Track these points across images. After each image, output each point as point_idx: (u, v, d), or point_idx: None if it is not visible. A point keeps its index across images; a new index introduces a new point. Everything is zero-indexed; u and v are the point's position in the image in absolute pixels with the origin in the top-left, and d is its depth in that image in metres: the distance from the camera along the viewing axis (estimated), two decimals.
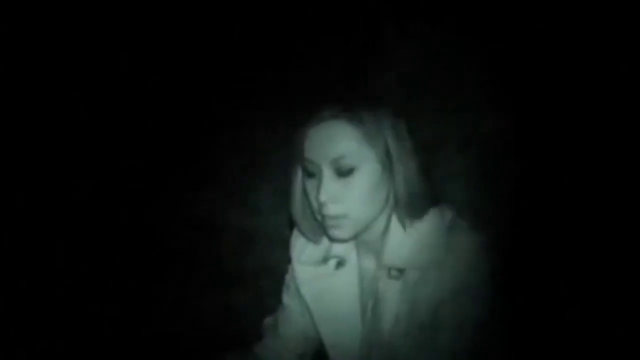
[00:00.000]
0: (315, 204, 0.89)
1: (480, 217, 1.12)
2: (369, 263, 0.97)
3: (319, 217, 0.90)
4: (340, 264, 1.00)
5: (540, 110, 1.28)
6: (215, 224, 1.72)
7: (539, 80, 1.29)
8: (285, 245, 1.08)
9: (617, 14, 1.35)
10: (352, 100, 0.88)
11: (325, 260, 1.01)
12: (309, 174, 0.89)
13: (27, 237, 1.75)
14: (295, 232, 1.06)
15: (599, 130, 1.28)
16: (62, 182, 1.75)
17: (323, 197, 0.85)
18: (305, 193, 0.93)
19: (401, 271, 0.90)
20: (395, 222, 0.90)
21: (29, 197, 1.76)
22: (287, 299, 1.09)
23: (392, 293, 0.90)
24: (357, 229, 0.89)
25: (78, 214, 1.77)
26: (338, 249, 1.00)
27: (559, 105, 1.28)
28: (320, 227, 0.94)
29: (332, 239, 0.94)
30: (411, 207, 0.88)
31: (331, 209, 0.86)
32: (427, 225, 0.90)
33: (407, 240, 0.89)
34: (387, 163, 0.87)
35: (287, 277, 1.10)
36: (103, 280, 1.77)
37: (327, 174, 0.86)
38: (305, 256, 1.03)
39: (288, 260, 1.07)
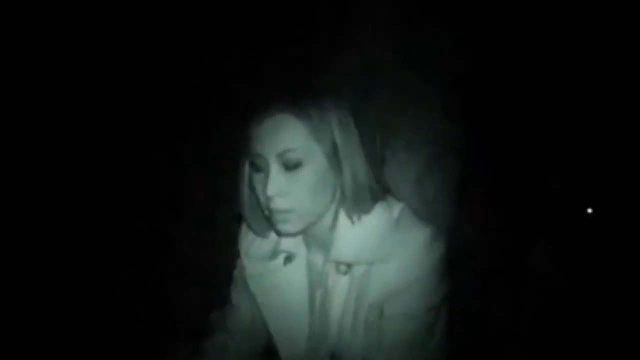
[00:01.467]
0: (262, 198, 0.87)
1: (427, 211, 1.14)
2: (318, 257, 0.96)
3: (266, 212, 0.89)
4: (288, 258, 0.99)
5: (486, 110, 1.30)
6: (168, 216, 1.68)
7: (486, 81, 1.31)
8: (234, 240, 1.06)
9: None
10: (299, 95, 0.87)
11: (273, 255, 1.00)
12: (256, 168, 0.88)
13: None
14: (244, 227, 1.04)
15: (539, 125, 1.32)
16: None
17: (270, 191, 0.84)
18: (252, 187, 0.91)
19: (349, 266, 0.90)
20: (343, 217, 0.90)
21: None
22: (236, 293, 1.08)
23: (340, 287, 0.91)
24: (305, 223, 0.88)
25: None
26: (287, 243, 0.99)
27: (503, 106, 1.31)
28: (267, 222, 0.93)
29: (280, 233, 0.93)
30: (358, 202, 0.88)
31: (278, 203, 0.85)
32: (375, 220, 0.90)
33: (355, 235, 0.89)
34: (334, 158, 0.86)
35: (236, 272, 1.08)
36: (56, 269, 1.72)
37: (274, 168, 0.85)
38: (253, 251, 1.02)
39: (237, 255, 1.06)
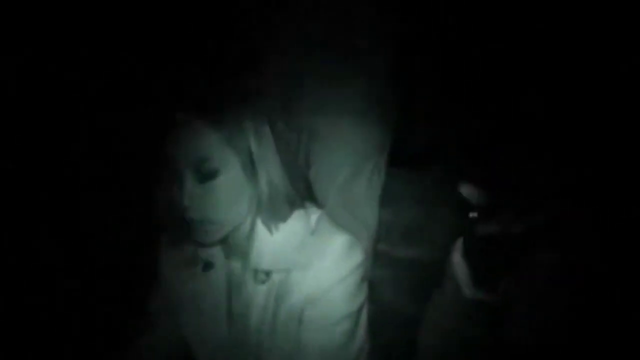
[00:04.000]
0: (179, 209, 0.86)
1: (352, 217, 1.18)
2: (236, 265, 0.97)
3: (184, 222, 0.88)
4: (208, 266, 0.99)
5: (415, 115, 1.33)
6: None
7: (415, 85, 1.33)
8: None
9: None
10: (214, 103, 0.87)
11: (192, 262, 1.00)
12: (172, 178, 0.87)
13: None
14: (163, 235, 1.03)
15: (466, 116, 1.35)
16: None
17: (186, 202, 0.84)
18: (169, 197, 0.90)
19: (268, 274, 0.92)
20: (260, 225, 0.91)
21: None
22: (155, 302, 1.07)
23: (258, 295, 0.93)
24: (222, 232, 0.88)
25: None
26: (205, 251, 0.99)
27: (433, 110, 1.34)
28: (185, 231, 0.92)
29: (198, 243, 0.92)
30: (275, 210, 0.90)
31: (194, 214, 0.85)
32: (292, 227, 0.92)
33: (272, 243, 0.91)
34: (250, 166, 0.87)
35: (155, 279, 1.07)
36: None
37: (189, 177, 0.84)
38: (172, 259, 1.01)
39: (156, 263, 1.04)
